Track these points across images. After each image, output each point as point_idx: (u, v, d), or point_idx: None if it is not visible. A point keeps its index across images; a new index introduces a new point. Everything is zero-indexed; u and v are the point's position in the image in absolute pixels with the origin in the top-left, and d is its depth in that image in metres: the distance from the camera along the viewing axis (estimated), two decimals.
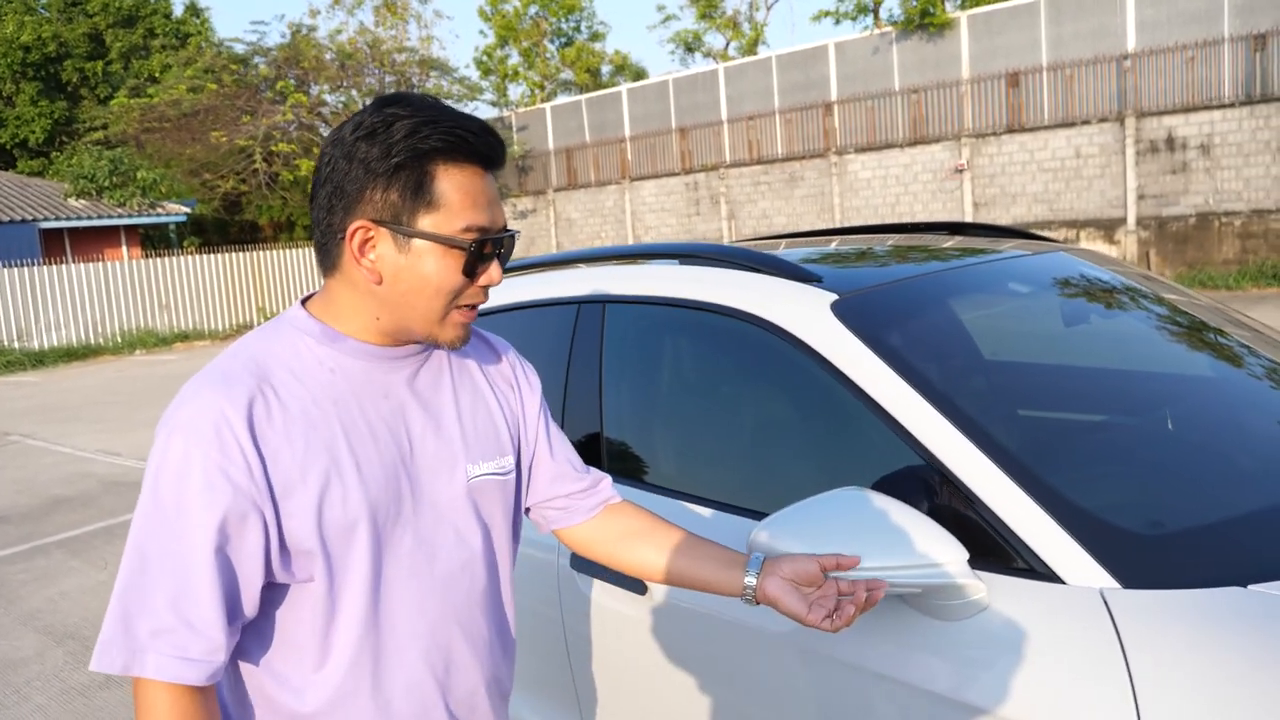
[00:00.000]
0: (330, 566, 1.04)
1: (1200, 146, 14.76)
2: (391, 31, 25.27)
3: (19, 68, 30.21)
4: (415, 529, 1.10)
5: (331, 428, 1.04)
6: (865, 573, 1.20)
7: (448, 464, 1.13)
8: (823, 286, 1.74)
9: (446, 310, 1.08)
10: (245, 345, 1.08)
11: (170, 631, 0.97)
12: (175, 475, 0.98)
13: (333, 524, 1.03)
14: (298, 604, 1.06)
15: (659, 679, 1.75)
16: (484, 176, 1.07)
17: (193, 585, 0.97)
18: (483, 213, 1.06)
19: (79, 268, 18.79)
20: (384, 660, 1.09)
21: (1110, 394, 1.92)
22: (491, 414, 1.21)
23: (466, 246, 1.05)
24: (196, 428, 0.98)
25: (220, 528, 0.98)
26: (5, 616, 4.59)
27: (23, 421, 10.80)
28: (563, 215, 23.45)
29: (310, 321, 1.09)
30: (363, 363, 1.09)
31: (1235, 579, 1.21)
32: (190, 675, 0.98)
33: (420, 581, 1.10)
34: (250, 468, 0.98)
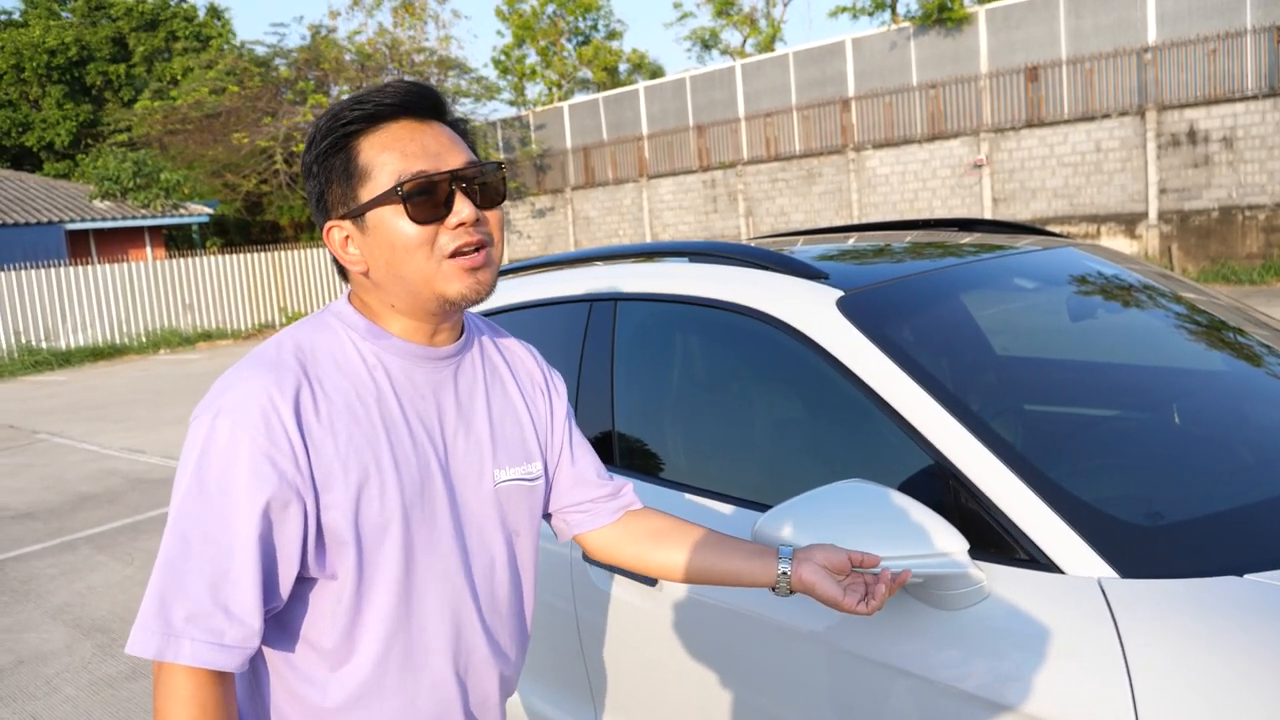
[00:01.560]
0: (361, 563, 1.04)
1: (1223, 139, 14.60)
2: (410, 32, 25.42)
3: (44, 71, 30.65)
4: (446, 531, 1.09)
5: (374, 423, 1.04)
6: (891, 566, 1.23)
7: (476, 468, 1.13)
8: (829, 283, 1.77)
9: (435, 265, 1.04)
10: (290, 334, 1.08)
11: (207, 616, 0.96)
12: (222, 458, 0.97)
13: (369, 520, 1.03)
14: (319, 601, 1.06)
15: (671, 671, 1.78)
16: (416, 128, 1.05)
17: (233, 570, 0.97)
18: (413, 160, 1.03)
19: (104, 268, 19.06)
20: (411, 659, 1.09)
21: (1113, 388, 1.94)
22: (520, 420, 1.21)
23: (402, 194, 1.02)
24: (245, 411, 0.98)
25: (265, 513, 0.97)
26: (35, 610, 4.69)
27: (50, 420, 10.99)
28: (581, 213, 23.51)
29: (356, 316, 1.10)
30: (404, 361, 1.09)
31: (1232, 569, 1.23)
32: (223, 662, 0.97)
33: (449, 583, 1.10)
34: (296, 456, 0.98)
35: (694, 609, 1.72)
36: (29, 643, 4.27)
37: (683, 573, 1.28)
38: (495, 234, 1.09)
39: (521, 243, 24.96)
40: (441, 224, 1.04)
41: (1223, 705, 1.11)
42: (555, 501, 1.31)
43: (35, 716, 3.56)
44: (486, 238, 1.07)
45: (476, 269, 1.05)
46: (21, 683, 3.86)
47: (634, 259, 2.28)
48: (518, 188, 24.79)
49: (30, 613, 4.67)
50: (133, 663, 3.96)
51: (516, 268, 2.65)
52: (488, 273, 1.07)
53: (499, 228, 1.10)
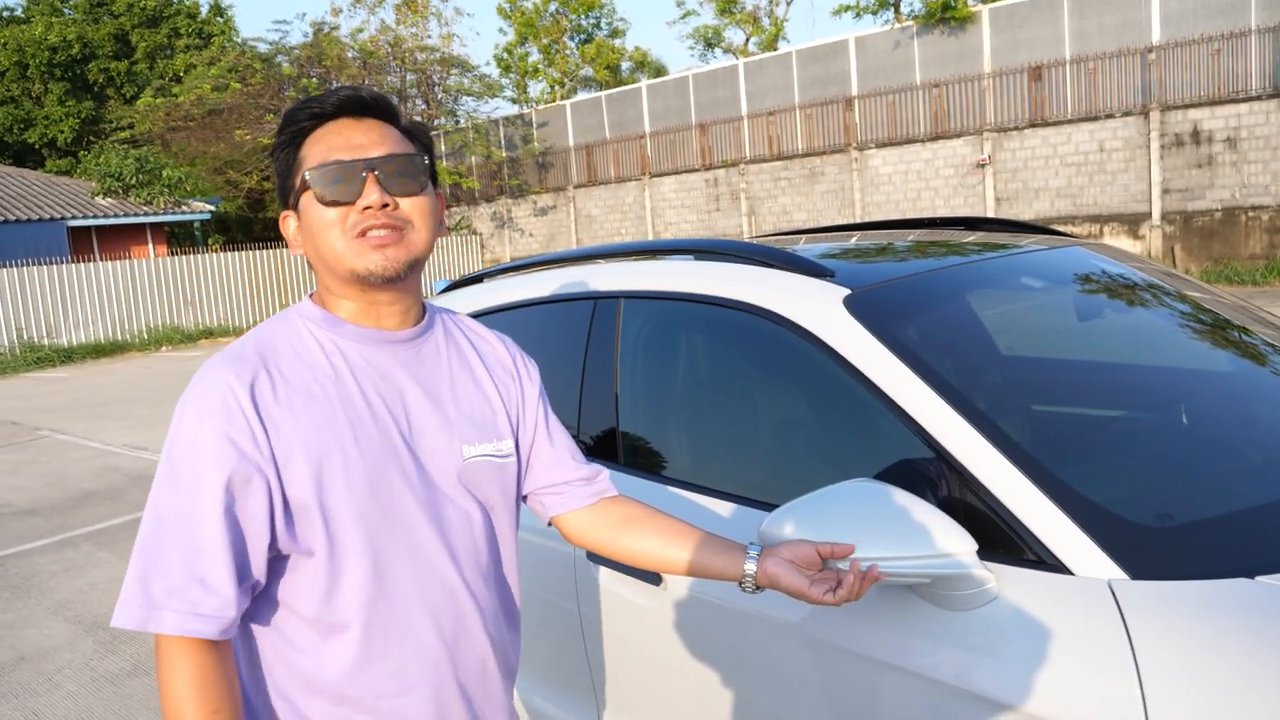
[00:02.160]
0: (330, 534, 1.10)
1: (1226, 140, 14.57)
2: (413, 29, 25.41)
3: (47, 68, 30.66)
4: (416, 502, 1.15)
5: (331, 403, 1.12)
6: (864, 561, 1.23)
7: (444, 442, 1.19)
8: (836, 281, 1.76)
9: (345, 242, 1.13)
10: (255, 331, 1.18)
11: (183, 589, 1.04)
12: (187, 444, 1.07)
13: (332, 492, 1.09)
14: (299, 575, 1.12)
15: (674, 669, 1.77)
16: (349, 124, 1.15)
17: (204, 544, 1.05)
18: (334, 151, 1.13)
19: (106, 265, 19.06)
20: (394, 627, 1.14)
21: (1122, 388, 1.93)
22: (489, 400, 1.27)
23: (313, 181, 1.13)
24: (206, 401, 1.08)
25: (227, 488, 1.05)
26: (37, 607, 4.69)
27: (53, 416, 10.99)
28: (583, 212, 23.50)
29: (314, 309, 1.19)
30: (360, 345, 1.17)
31: (1243, 570, 1.22)
32: (203, 629, 1.04)
33: (423, 552, 1.15)
34: (254, 434, 1.06)
35: (698, 608, 1.71)
36: (30, 639, 4.27)
37: (651, 560, 1.33)
38: (416, 220, 1.16)
39: (523, 240, 24.95)
40: (351, 207, 1.12)
41: (1234, 709, 1.10)
42: (531, 482, 1.35)
43: (36, 713, 3.55)
44: (402, 223, 1.14)
45: (385, 246, 1.13)
46: (23, 679, 3.85)
47: (638, 257, 2.27)
48: (519, 185, 24.77)
49: (32, 609, 4.67)
50: (134, 659, 3.95)
51: (519, 265, 2.64)
52: (398, 250, 1.14)
53: (423, 215, 1.17)
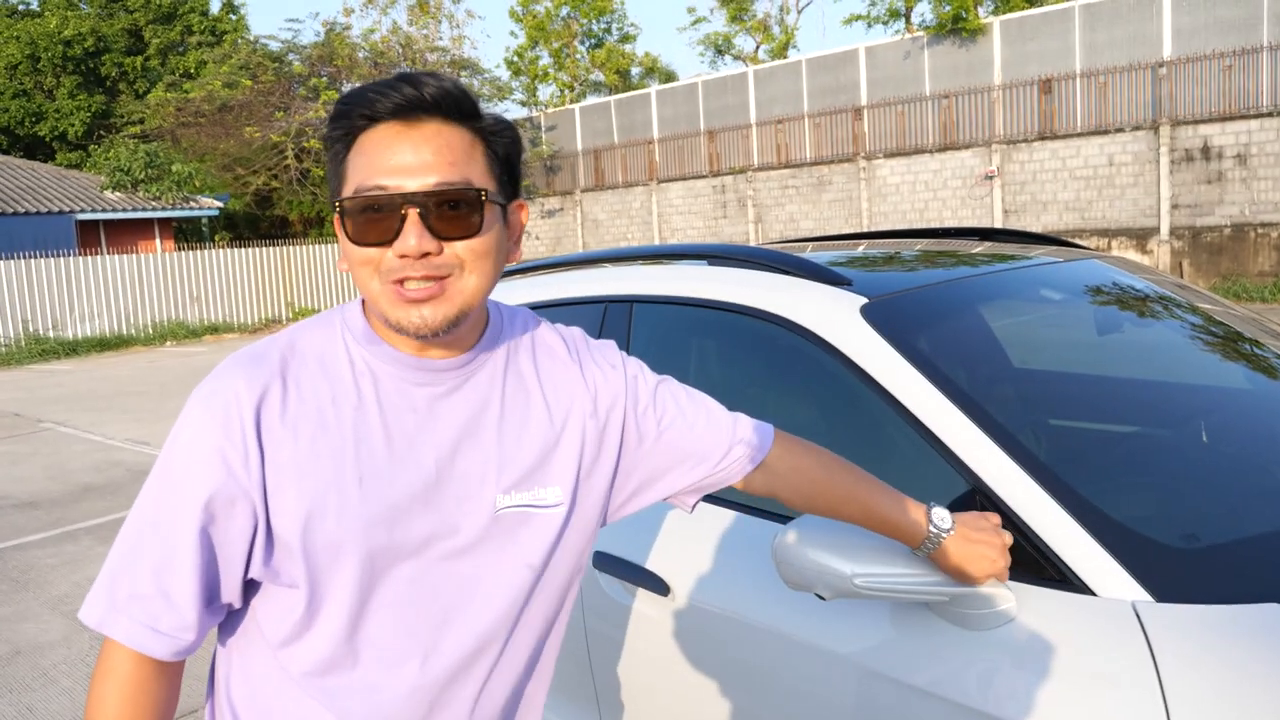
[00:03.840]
0: (311, 578, 0.97)
1: (1237, 156, 14.52)
2: (424, 31, 25.46)
3: (59, 62, 30.77)
4: (423, 556, 0.99)
5: (343, 433, 0.97)
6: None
7: (474, 492, 1.01)
8: (852, 290, 1.73)
9: (381, 286, 0.95)
10: (290, 330, 1.04)
11: (146, 599, 0.96)
12: (183, 448, 0.97)
13: (318, 535, 0.96)
14: (273, 601, 1.01)
15: (679, 681, 1.74)
16: (400, 131, 0.94)
17: (174, 558, 0.95)
18: (376, 173, 0.94)
19: (113, 259, 19.09)
20: (357, 697, 1.00)
21: (1144, 404, 1.89)
22: (543, 437, 1.06)
23: (340, 210, 0.96)
24: (211, 404, 0.96)
25: (206, 506, 0.95)
26: (34, 601, 4.66)
27: (56, 409, 10.98)
28: (590, 216, 23.50)
29: (359, 319, 1.03)
30: (395, 370, 1.01)
31: (1272, 595, 1.18)
32: (153, 646, 0.95)
33: (416, 615, 1.00)
34: (247, 454, 0.95)
35: (705, 619, 1.68)
36: (27, 633, 4.24)
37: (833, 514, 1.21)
38: (468, 264, 0.96)
39: (530, 243, 24.96)
40: (386, 248, 0.94)
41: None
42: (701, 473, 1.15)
43: (31, 708, 3.52)
44: (447, 270, 0.95)
45: (421, 302, 0.94)
46: (18, 673, 3.82)
47: (651, 261, 2.25)
48: (527, 188, 24.79)
49: (29, 603, 4.64)
50: None
51: (529, 267, 2.61)
52: (439, 307, 0.95)
53: (477, 257, 0.96)
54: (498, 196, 0.99)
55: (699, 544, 1.74)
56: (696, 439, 1.15)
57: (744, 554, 1.66)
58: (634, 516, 1.87)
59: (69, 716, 3.44)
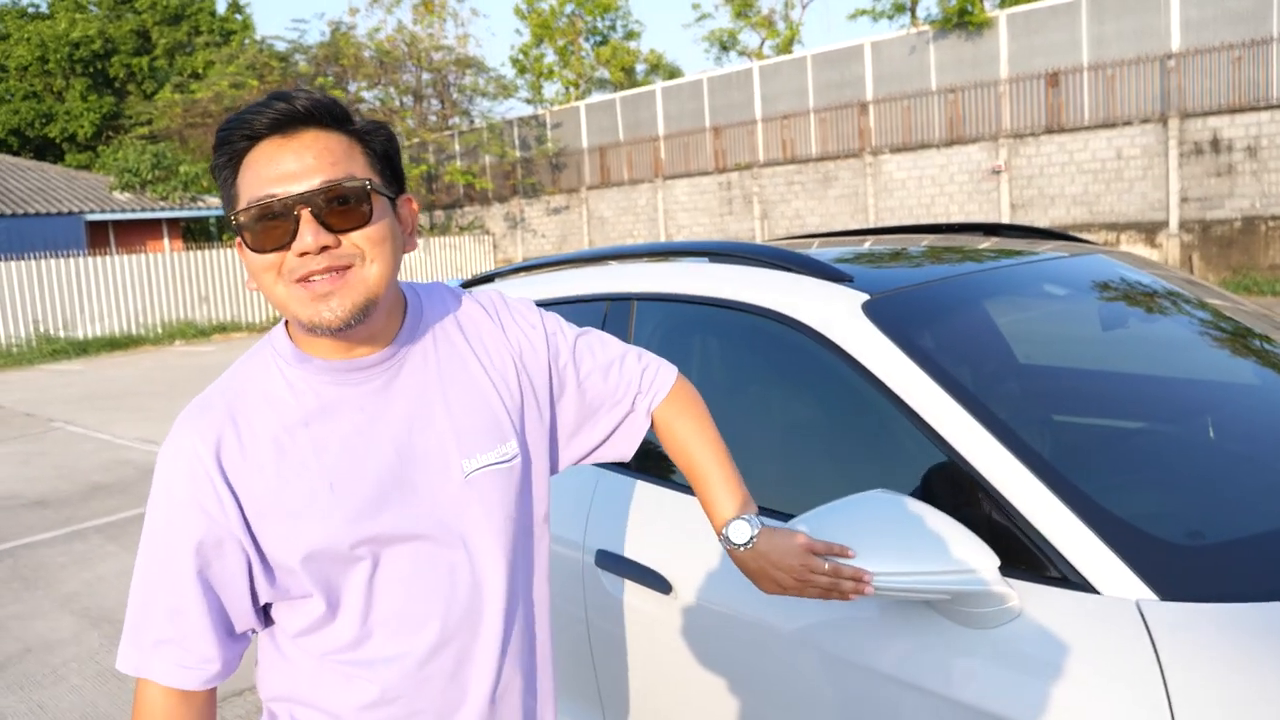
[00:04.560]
0: (320, 582, 1.06)
1: (1246, 148, 14.42)
2: (429, 29, 25.47)
3: (68, 63, 30.90)
4: (413, 535, 1.07)
5: (302, 451, 1.04)
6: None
7: (440, 463, 1.09)
8: (854, 286, 1.72)
9: (286, 289, 1.01)
10: (231, 370, 1.10)
11: (170, 642, 1.05)
12: (160, 505, 1.05)
13: (314, 543, 1.03)
14: (291, 610, 1.10)
15: (683, 680, 1.74)
16: (279, 144, 1.00)
17: (183, 605, 1.05)
18: (264, 184, 0.99)
19: (122, 259, 19.16)
20: (380, 664, 1.08)
21: (1149, 400, 1.88)
22: (487, 400, 1.14)
23: (233, 224, 1.02)
24: (173, 461, 1.04)
25: (197, 552, 1.03)
26: (44, 599, 4.69)
27: (66, 409, 11.04)
28: (595, 213, 23.48)
29: (286, 343, 1.08)
30: (332, 378, 1.06)
31: (1278, 593, 1.17)
32: (186, 680, 1.06)
33: (422, 584, 1.08)
34: (220, 498, 1.02)
35: (708, 617, 1.68)
36: (37, 631, 4.26)
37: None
38: (367, 251, 1.01)
39: (536, 241, 24.96)
40: (286, 250, 0.99)
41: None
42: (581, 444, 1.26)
43: (41, 705, 3.54)
44: (348, 260, 1.00)
45: (329, 295, 0.99)
46: (29, 671, 3.85)
47: (653, 258, 2.24)
48: (533, 185, 24.78)
49: (39, 601, 4.66)
50: None
51: (531, 265, 2.61)
52: (345, 296, 1.00)
53: (375, 243, 1.02)
54: (383, 189, 1.05)
55: (701, 542, 1.73)
56: (610, 389, 1.25)
57: None
58: (636, 516, 1.87)
59: (79, 713, 3.46)
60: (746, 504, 1.22)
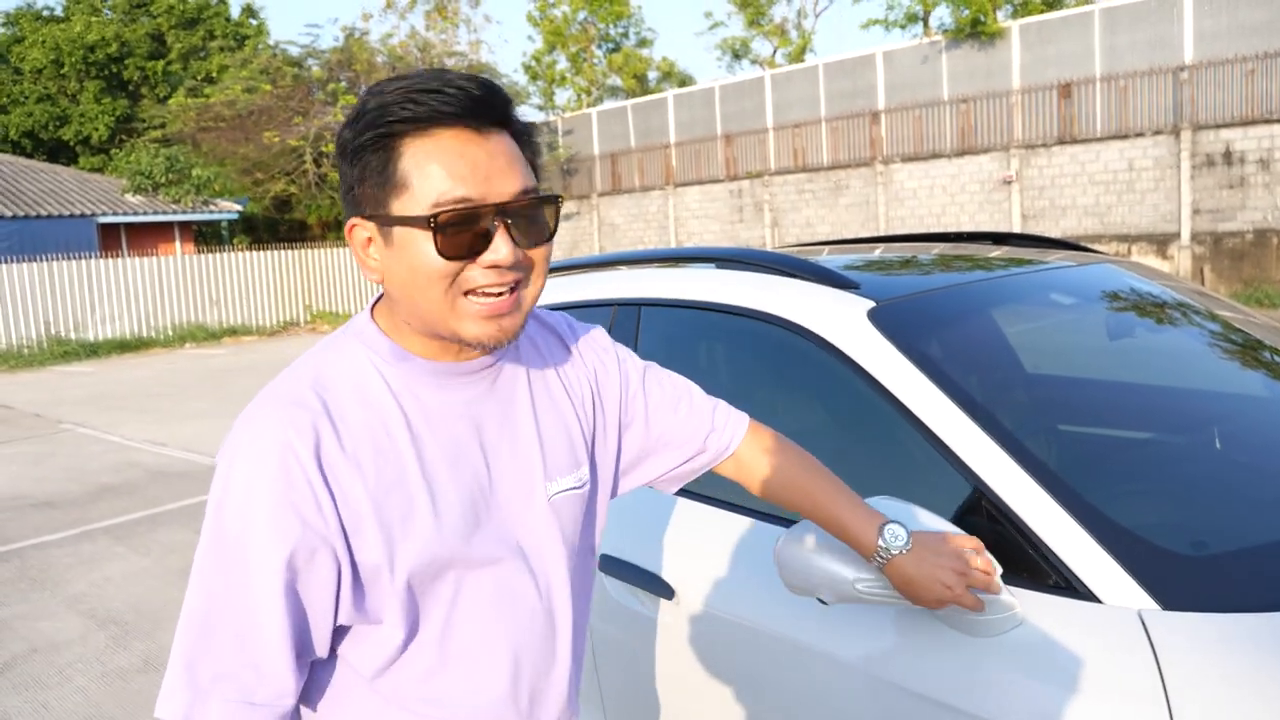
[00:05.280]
0: (406, 605, 0.95)
1: (1259, 161, 14.36)
2: (442, 35, 25.59)
3: (83, 66, 31.15)
4: (497, 559, 1.00)
5: (403, 457, 0.95)
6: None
7: (526, 485, 1.03)
8: (860, 293, 1.72)
9: (452, 301, 0.92)
10: (310, 363, 0.98)
11: (234, 675, 0.89)
12: (239, 508, 0.90)
13: (410, 559, 0.93)
14: (361, 642, 0.98)
15: (686, 685, 1.73)
16: (470, 140, 0.91)
17: (260, 625, 0.89)
18: (458, 182, 0.90)
19: (134, 262, 19.28)
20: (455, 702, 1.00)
21: (1154, 410, 1.87)
22: (566, 421, 1.09)
23: (431, 223, 0.90)
24: (260, 457, 0.90)
25: (288, 564, 0.89)
26: (51, 599, 4.71)
27: (76, 410, 11.10)
28: (606, 220, 23.53)
29: (380, 338, 0.98)
30: (433, 382, 0.98)
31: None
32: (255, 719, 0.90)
33: (504, 611, 1.01)
34: (319, 502, 0.90)
35: (712, 624, 1.68)
36: (44, 631, 4.28)
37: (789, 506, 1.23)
38: (536, 273, 0.96)
39: None
40: (473, 260, 0.91)
41: None
42: (649, 473, 1.20)
43: (46, 705, 3.56)
44: (522, 278, 0.94)
45: (499, 315, 0.93)
46: (34, 671, 3.86)
47: (660, 264, 2.25)
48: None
49: (46, 601, 4.69)
50: (145, 655, 3.95)
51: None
52: (513, 319, 0.94)
53: (543, 265, 0.96)
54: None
55: (704, 548, 1.73)
56: (680, 423, 1.19)
57: (750, 558, 1.66)
58: (637, 521, 1.87)
59: (83, 714, 3.47)
60: (876, 513, 1.19)
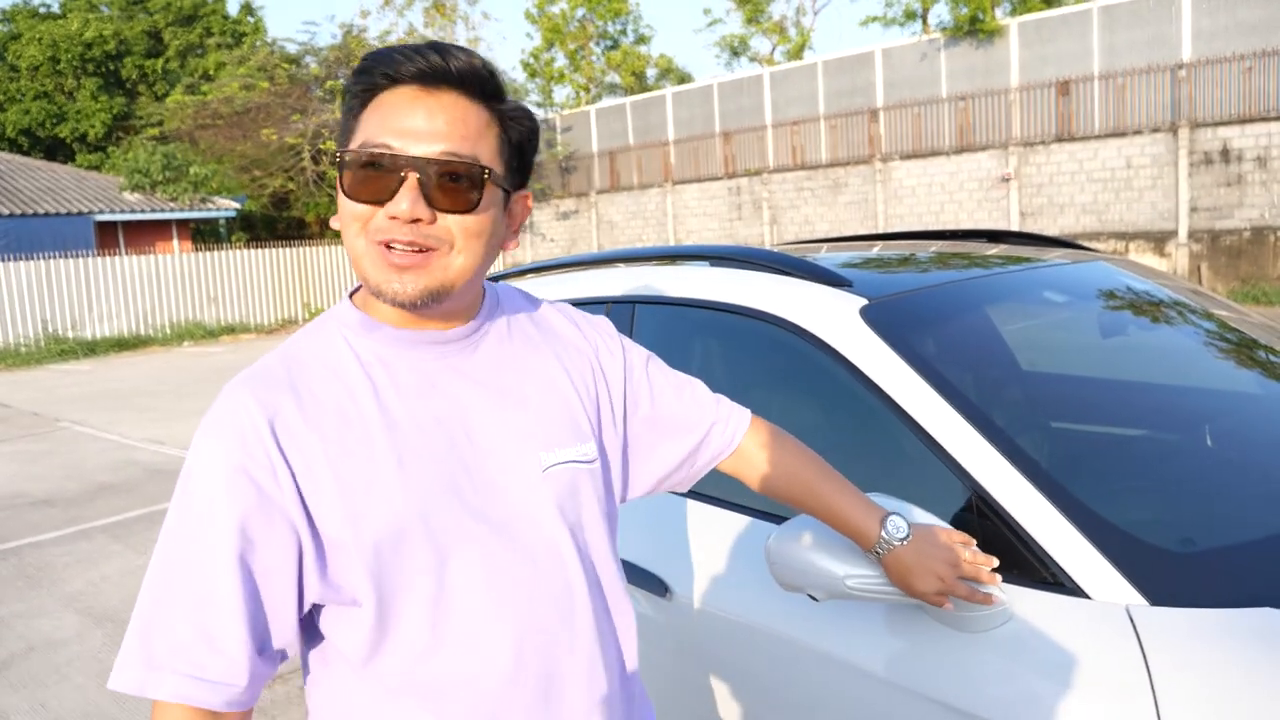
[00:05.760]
0: (377, 577, 0.92)
1: (1257, 159, 14.37)
2: (440, 32, 25.56)
3: (80, 64, 31.10)
4: (485, 529, 0.96)
5: (368, 425, 0.94)
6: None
7: (515, 453, 1.00)
8: (853, 291, 1.73)
9: (366, 246, 0.94)
10: (287, 343, 1.01)
11: (188, 648, 0.89)
12: (201, 477, 0.91)
13: (375, 529, 0.92)
14: (344, 628, 0.96)
15: (679, 682, 1.74)
16: (417, 95, 0.93)
17: (213, 594, 0.89)
18: (386, 132, 0.92)
19: (131, 260, 19.27)
20: (455, 686, 0.96)
21: (1145, 408, 1.88)
22: (565, 398, 1.07)
23: (342, 161, 0.94)
24: (222, 427, 0.92)
25: (241, 530, 0.89)
26: (48, 598, 4.71)
27: (73, 408, 11.10)
28: (605, 217, 23.52)
29: (352, 312, 1.01)
30: (403, 350, 0.99)
31: (1269, 600, 1.17)
32: (204, 697, 0.88)
33: (499, 586, 0.96)
34: (274, 468, 0.90)
35: (705, 620, 1.68)
36: (41, 630, 4.29)
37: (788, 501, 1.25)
38: (458, 241, 0.95)
39: (545, 245, 25.01)
40: (379, 207, 0.93)
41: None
42: (651, 473, 1.18)
43: (43, 704, 3.56)
44: (435, 243, 0.94)
45: (405, 269, 0.93)
46: (32, 669, 3.87)
47: (653, 262, 2.25)
48: (543, 189, 24.84)
49: (43, 600, 4.69)
50: None
51: (533, 268, 2.62)
52: (419, 277, 0.93)
53: (468, 236, 0.95)
54: (502, 180, 0.98)
55: (698, 545, 1.74)
56: (685, 408, 1.19)
57: (743, 555, 1.66)
58: (633, 518, 1.88)
59: (81, 712, 3.48)
60: (878, 506, 1.21)
